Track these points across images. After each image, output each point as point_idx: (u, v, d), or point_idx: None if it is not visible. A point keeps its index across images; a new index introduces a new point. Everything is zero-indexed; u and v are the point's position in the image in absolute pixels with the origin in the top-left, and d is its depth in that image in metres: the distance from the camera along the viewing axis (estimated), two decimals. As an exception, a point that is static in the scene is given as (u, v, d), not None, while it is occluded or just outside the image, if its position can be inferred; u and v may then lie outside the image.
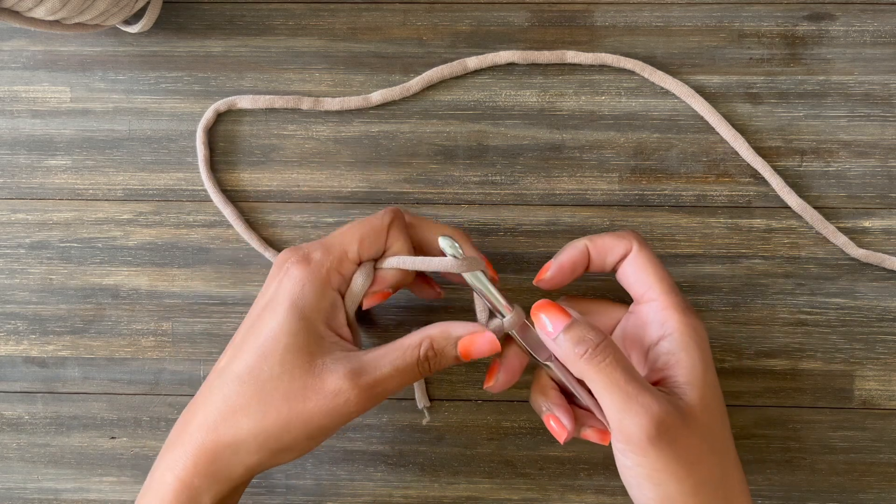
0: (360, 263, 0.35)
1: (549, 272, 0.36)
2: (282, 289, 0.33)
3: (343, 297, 0.35)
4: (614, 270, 0.36)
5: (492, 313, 0.35)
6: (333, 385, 0.32)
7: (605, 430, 0.35)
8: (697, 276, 0.42)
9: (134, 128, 0.42)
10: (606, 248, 0.35)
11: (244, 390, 0.33)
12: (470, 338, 0.34)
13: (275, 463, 0.34)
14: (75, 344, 0.42)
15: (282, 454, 0.33)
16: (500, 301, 0.35)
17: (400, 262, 0.35)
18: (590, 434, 0.35)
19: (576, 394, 0.35)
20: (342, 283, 0.34)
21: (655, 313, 0.34)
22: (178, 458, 0.33)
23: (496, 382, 0.35)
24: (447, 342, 0.34)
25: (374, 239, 0.34)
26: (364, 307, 0.35)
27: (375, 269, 0.35)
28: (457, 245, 0.34)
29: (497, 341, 0.34)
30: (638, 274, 0.35)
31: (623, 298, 0.38)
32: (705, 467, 0.31)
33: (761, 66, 0.42)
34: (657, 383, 0.33)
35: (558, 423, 0.35)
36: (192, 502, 0.33)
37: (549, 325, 0.33)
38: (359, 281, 0.34)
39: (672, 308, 0.34)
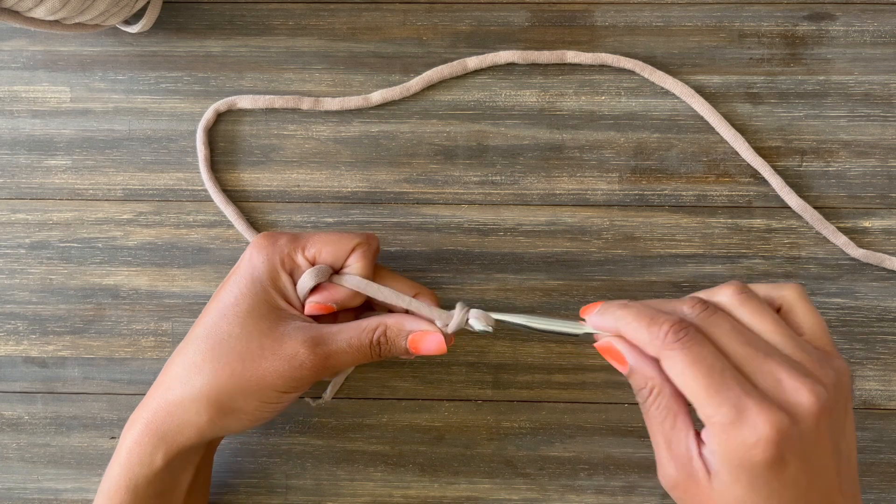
0: (314, 264, 0.35)
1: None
2: (244, 262, 0.35)
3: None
4: None
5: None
6: (290, 349, 0.34)
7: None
8: (697, 276, 0.42)
9: (134, 128, 0.42)
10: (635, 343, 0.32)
11: (201, 348, 0.34)
12: (420, 334, 0.35)
13: (225, 427, 0.35)
14: (75, 344, 0.42)
15: (232, 417, 0.34)
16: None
17: (358, 283, 0.36)
18: None
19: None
20: (295, 271, 0.36)
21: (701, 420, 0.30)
22: (135, 421, 0.35)
23: None
24: (399, 333, 0.35)
25: (333, 249, 0.35)
26: (304, 312, 0.36)
27: (331, 280, 0.36)
28: (479, 317, 0.35)
29: (444, 344, 0.35)
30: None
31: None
32: None
33: (761, 66, 0.42)
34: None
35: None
36: (143, 460, 0.34)
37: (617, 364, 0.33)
38: (305, 279, 0.35)
39: (711, 423, 0.29)
